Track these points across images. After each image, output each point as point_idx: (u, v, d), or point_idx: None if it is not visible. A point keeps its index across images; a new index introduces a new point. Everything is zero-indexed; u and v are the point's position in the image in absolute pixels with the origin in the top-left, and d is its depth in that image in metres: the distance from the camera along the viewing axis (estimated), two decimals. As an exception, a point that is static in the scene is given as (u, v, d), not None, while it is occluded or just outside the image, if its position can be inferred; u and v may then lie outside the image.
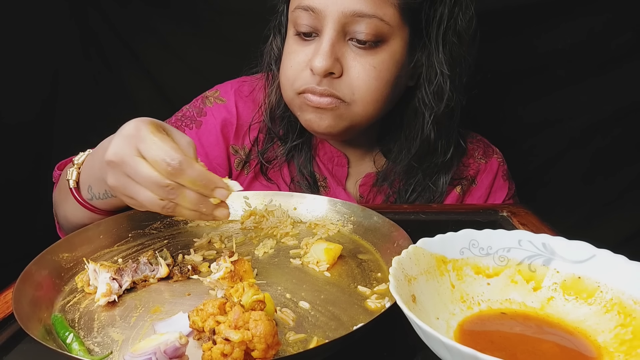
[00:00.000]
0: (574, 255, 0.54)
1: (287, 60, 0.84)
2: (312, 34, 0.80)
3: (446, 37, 0.82)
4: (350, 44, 0.79)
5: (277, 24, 0.90)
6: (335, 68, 0.78)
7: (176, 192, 0.57)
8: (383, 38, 0.79)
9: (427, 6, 0.80)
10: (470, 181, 0.98)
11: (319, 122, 0.83)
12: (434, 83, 0.84)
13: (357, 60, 0.79)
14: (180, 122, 0.96)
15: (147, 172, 0.56)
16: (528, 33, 1.20)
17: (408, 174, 0.92)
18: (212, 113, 0.96)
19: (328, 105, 0.80)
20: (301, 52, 0.81)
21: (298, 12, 0.80)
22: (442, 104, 0.85)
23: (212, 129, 0.95)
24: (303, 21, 0.79)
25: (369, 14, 0.76)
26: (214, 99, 0.97)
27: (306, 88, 0.81)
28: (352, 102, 0.81)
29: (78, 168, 0.75)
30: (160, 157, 0.55)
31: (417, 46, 0.83)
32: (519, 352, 0.47)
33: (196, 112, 0.96)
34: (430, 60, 0.83)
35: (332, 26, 0.77)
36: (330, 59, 0.77)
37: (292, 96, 0.84)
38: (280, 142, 0.95)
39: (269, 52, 0.92)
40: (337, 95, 0.80)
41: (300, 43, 0.82)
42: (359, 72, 0.79)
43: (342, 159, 0.96)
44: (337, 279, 0.62)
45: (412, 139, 0.89)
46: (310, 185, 0.94)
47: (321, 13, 0.77)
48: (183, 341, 0.45)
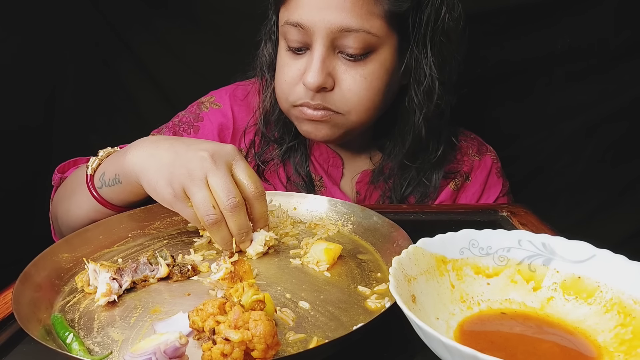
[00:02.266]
0: (574, 255, 0.54)
1: (280, 74, 0.86)
2: (302, 49, 0.82)
3: (434, 38, 0.83)
4: (340, 57, 0.80)
5: (268, 31, 0.91)
6: (328, 83, 0.80)
7: (215, 223, 0.63)
8: (372, 49, 0.80)
9: (414, 12, 0.80)
10: (465, 177, 0.99)
11: (316, 132, 0.85)
12: (423, 84, 0.85)
13: (347, 73, 0.80)
14: (177, 128, 0.96)
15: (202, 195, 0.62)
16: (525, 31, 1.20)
17: (402, 169, 0.94)
18: (209, 118, 0.97)
19: (322, 118, 0.83)
20: (293, 66, 0.83)
21: (287, 28, 0.81)
22: (432, 104, 0.86)
23: (209, 133, 0.96)
24: (293, 37, 0.80)
25: (356, 29, 0.77)
26: (209, 104, 0.98)
27: (301, 103, 0.83)
28: (346, 112, 0.82)
29: (101, 160, 0.76)
30: (223, 190, 0.62)
31: (405, 49, 0.84)
32: (518, 352, 0.47)
33: (192, 117, 0.97)
34: (418, 62, 0.84)
35: (322, 42, 0.78)
36: (321, 75, 0.79)
37: (288, 107, 0.86)
38: (276, 144, 0.96)
39: (261, 58, 0.93)
40: (330, 109, 0.82)
41: (292, 57, 0.83)
42: (350, 84, 0.80)
43: (336, 160, 0.98)
44: (337, 279, 0.62)
45: (406, 134, 0.90)
46: (307, 184, 0.96)
47: (310, 29, 0.78)
48: (183, 341, 0.45)
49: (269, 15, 0.90)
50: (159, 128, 0.99)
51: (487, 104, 1.27)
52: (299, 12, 0.78)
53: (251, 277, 0.60)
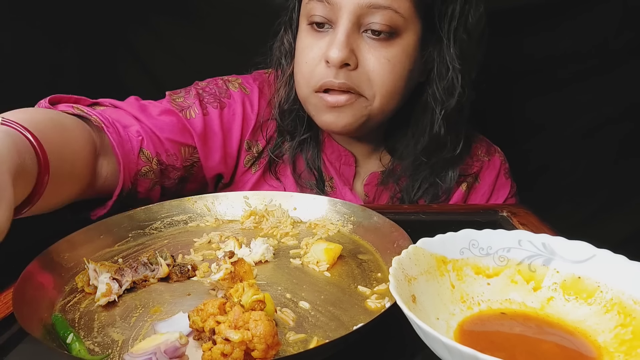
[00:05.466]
0: (574, 255, 0.54)
1: (301, 56, 0.84)
2: (325, 25, 0.80)
3: (457, 34, 0.83)
4: (365, 36, 0.79)
5: (288, 19, 0.89)
6: (351, 59, 0.78)
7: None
8: (397, 30, 0.79)
9: (440, 1, 0.80)
10: (474, 178, 0.98)
11: (336, 121, 0.83)
12: (445, 78, 0.84)
13: (371, 53, 0.79)
14: (200, 98, 0.88)
15: None
16: (529, 32, 1.20)
17: (415, 170, 0.92)
18: (236, 99, 0.91)
19: (346, 102, 0.81)
20: (315, 46, 0.81)
21: (313, 4, 0.80)
22: (453, 99, 0.85)
23: (235, 116, 0.90)
24: (317, 12, 0.79)
25: (384, 5, 0.76)
26: (238, 85, 0.93)
27: (324, 83, 0.80)
28: (370, 97, 0.81)
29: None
30: None
31: (429, 41, 0.83)
32: (518, 353, 0.47)
33: (219, 91, 0.91)
34: (441, 56, 0.84)
35: (348, 17, 0.77)
36: (346, 49, 0.77)
37: (308, 94, 0.84)
38: (288, 136, 0.93)
39: (279, 47, 0.91)
40: (354, 89, 0.80)
41: (314, 36, 0.82)
42: (374, 64, 0.79)
43: (349, 158, 0.95)
44: (337, 279, 0.62)
45: (420, 135, 0.89)
46: (317, 180, 0.93)
47: (337, 4, 0.77)
48: (183, 341, 0.45)
49: (289, 4, 0.88)
50: (177, 91, 0.90)
51: (488, 105, 1.27)
52: None
53: (251, 277, 0.60)
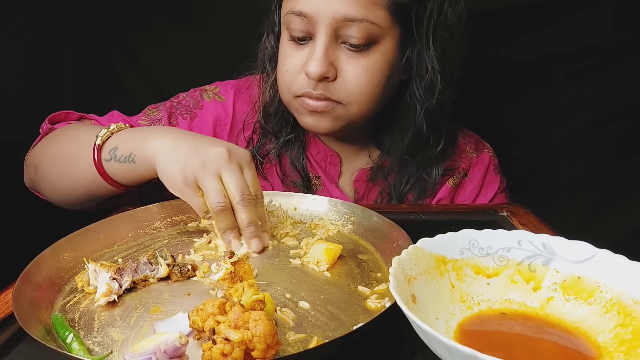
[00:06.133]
0: (573, 255, 0.54)
1: (282, 64, 0.85)
2: (305, 38, 0.81)
3: (436, 33, 0.83)
4: (343, 47, 0.80)
5: (270, 23, 0.91)
6: (330, 72, 0.80)
7: (223, 211, 0.66)
8: (375, 40, 0.80)
9: (417, 5, 0.80)
10: (463, 174, 0.99)
11: (317, 124, 0.85)
12: (425, 78, 0.85)
13: (350, 64, 0.80)
14: (174, 109, 0.95)
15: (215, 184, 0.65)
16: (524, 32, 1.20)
17: (402, 165, 0.94)
18: (208, 108, 0.96)
19: (324, 109, 0.82)
20: (296, 57, 0.83)
21: (290, 17, 0.80)
22: (433, 99, 0.86)
23: (204, 124, 0.95)
24: (296, 26, 0.80)
25: (360, 18, 0.77)
26: (213, 94, 0.97)
27: (303, 92, 0.82)
28: (347, 103, 0.82)
29: (112, 133, 0.76)
30: (236, 186, 0.66)
31: (407, 43, 0.84)
32: (518, 352, 0.47)
33: (193, 103, 0.96)
34: (420, 56, 0.84)
35: (325, 31, 0.78)
36: (324, 64, 0.78)
37: (290, 99, 0.86)
38: (273, 137, 0.96)
39: (262, 50, 0.93)
40: (332, 99, 0.82)
41: (295, 47, 0.83)
42: (352, 75, 0.80)
43: (334, 158, 0.97)
44: (337, 279, 0.62)
45: (406, 130, 0.90)
46: (303, 179, 0.95)
47: (313, 18, 0.78)
48: (183, 341, 0.45)
49: (272, 7, 0.89)
50: (156, 105, 0.97)
51: (487, 104, 1.27)
52: (303, 1, 0.78)
53: (251, 277, 0.60)
